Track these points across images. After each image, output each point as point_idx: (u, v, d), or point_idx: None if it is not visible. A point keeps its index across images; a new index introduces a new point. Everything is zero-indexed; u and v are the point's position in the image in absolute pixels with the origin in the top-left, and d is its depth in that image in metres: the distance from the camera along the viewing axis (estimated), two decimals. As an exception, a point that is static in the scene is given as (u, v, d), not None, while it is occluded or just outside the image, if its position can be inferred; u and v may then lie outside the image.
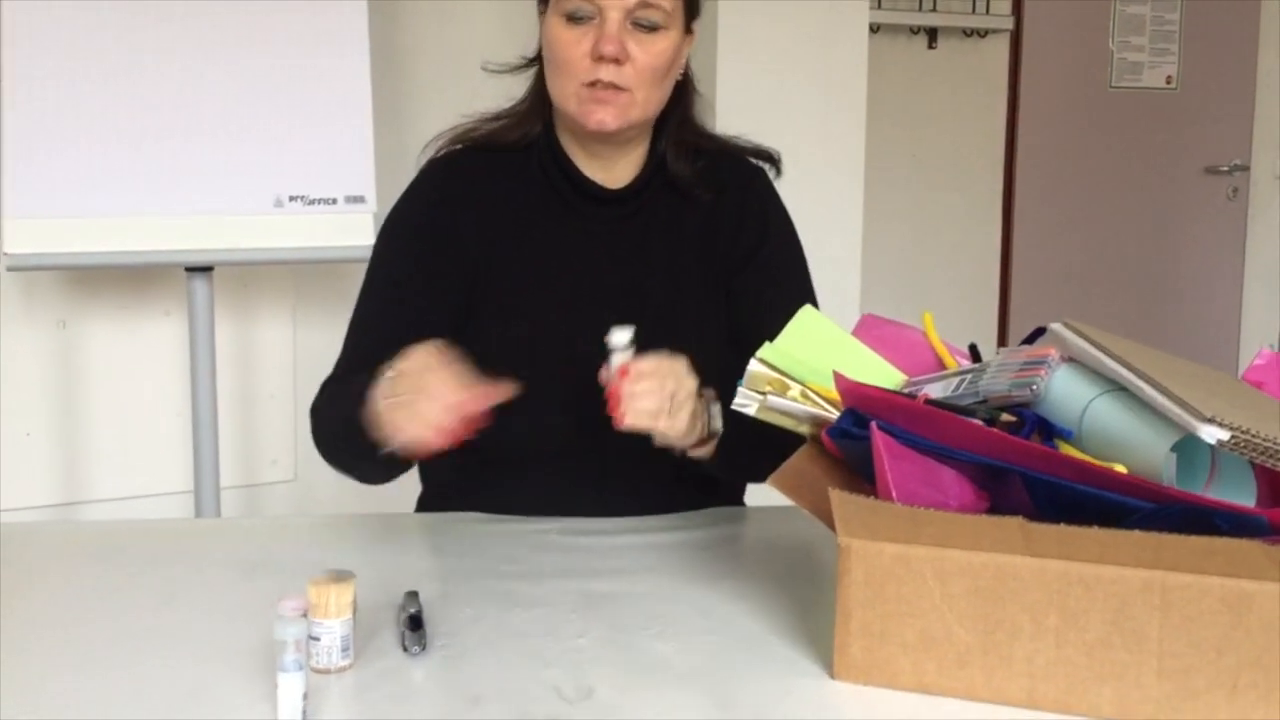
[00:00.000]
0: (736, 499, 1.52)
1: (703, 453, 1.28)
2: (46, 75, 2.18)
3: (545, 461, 1.39)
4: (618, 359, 1.18)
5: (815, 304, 1.50)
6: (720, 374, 1.28)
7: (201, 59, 2.26)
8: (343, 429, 1.28)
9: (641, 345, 1.23)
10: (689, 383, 1.21)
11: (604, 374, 1.19)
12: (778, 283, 1.47)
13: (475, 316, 1.41)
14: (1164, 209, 4.18)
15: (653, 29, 1.33)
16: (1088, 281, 4.13)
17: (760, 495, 1.38)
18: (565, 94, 1.36)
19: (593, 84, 1.33)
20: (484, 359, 1.21)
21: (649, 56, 1.33)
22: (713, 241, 1.43)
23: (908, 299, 3.80)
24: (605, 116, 1.33)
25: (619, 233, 1.35)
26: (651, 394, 1.17)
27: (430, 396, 1.12)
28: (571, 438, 1.36)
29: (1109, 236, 4.14)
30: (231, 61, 2.27)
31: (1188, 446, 0.92)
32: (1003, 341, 4.01)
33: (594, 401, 1.34)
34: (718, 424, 1.27)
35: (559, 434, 1.36)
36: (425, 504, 1.56)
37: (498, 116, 1.46)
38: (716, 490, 1.47)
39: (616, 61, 1.31)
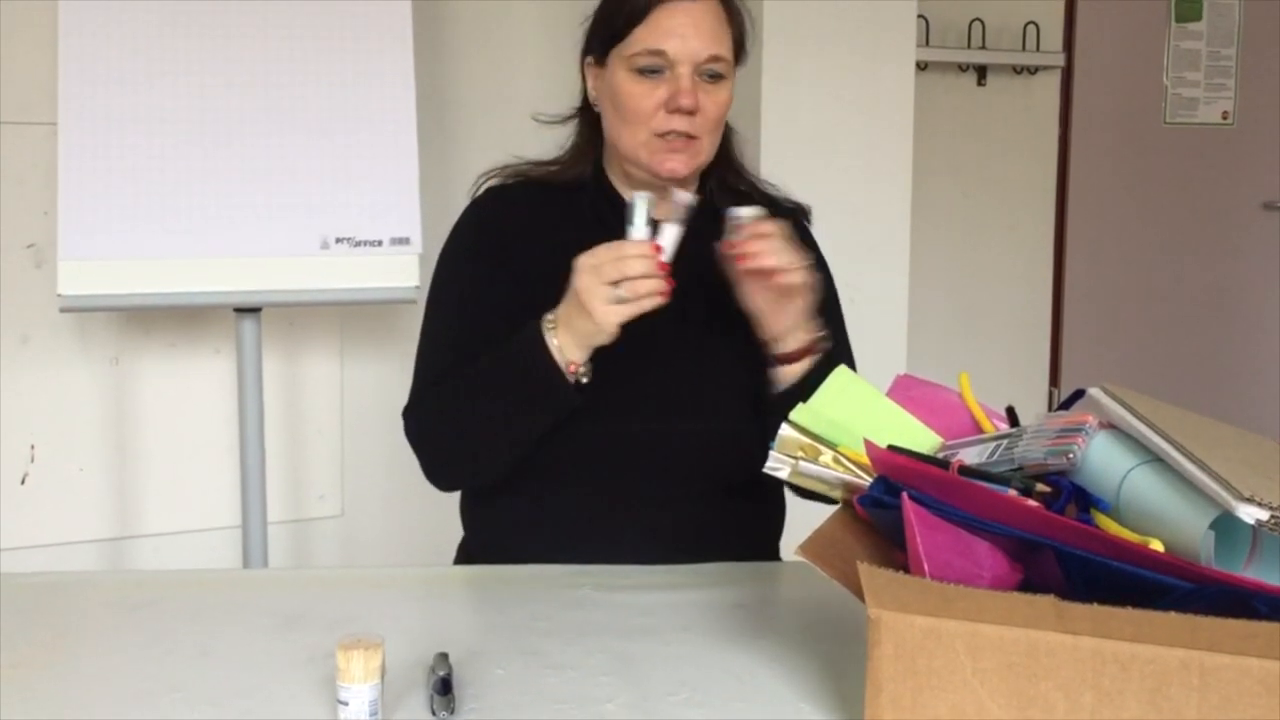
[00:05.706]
0: (773, 552, 1.52)
1: (799, 368, 1.38)
2: (99, 122, 2.23)
3: (589, 487, 1.43)
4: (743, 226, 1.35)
5: (842, 326, 1.53)
6: (753, 402, 1.38)
7: (249, 104, 2.30)
8: (500, 390, 1.36)
9: (684, 371, 1.40)
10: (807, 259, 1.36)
11: (726, 241, 1.35)
12: None
13: None
14: (1221, 246, 4.11)
15: (717, 79, 1.42)
16: (1142, 321, 4.06)
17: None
18: (635, 143, 1.43)
19: (665, 134, 1.40)
20: None
21: (716, 106, 1.42)
22: None
23: (957, 339, 3.75)
24: (677, 165, 1.42)
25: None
26: (780, 249, 1.33)
27: (633, 272, 1.28)
28: (616, 467, 1.41)
29: (1164, 275, 4.08)
30: (278, 106, 2.31)
31: (1228, 523, 0.90)
32: (1054, 380, 3.95)
33: (644, 436, 1.40)
34: (826, 344, 1.40)
35: (604, 457, 1.41)
36: (466, 548, 1.57)
37: (548, 163, 1.53)
38: (752, 534, 1.49)
39: (691, 113, 1.39)
